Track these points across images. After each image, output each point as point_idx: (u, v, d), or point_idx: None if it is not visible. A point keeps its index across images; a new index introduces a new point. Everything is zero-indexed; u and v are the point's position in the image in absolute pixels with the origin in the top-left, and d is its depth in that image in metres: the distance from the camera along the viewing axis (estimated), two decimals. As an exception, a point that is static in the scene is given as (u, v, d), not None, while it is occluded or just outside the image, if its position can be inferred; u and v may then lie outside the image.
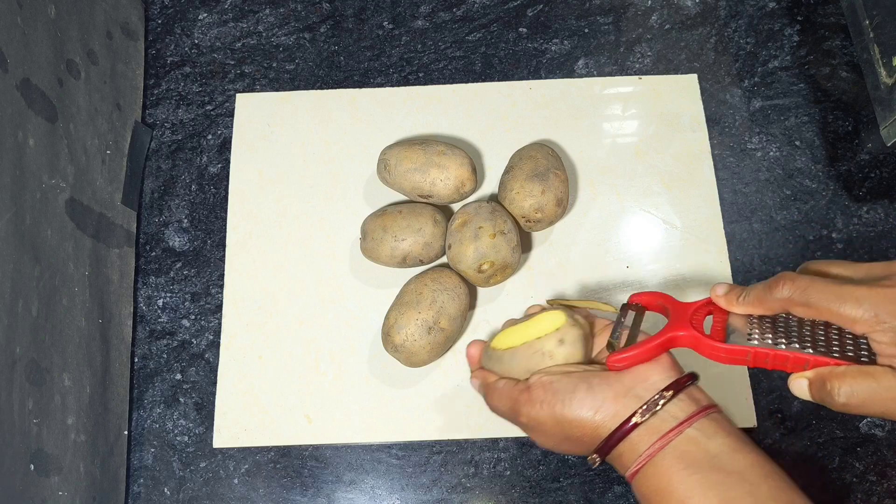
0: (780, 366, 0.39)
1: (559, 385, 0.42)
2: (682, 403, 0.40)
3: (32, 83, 0.52)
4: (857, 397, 0.36)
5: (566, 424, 0.41)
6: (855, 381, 0.36)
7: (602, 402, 0.40)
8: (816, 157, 0.68)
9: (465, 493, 0.59)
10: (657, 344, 0.42)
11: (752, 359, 0.40)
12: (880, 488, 0.58)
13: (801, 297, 0.38)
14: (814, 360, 0.38)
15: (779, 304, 0.39)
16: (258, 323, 0.63)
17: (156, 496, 0.60)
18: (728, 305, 0.42)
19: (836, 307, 0.36)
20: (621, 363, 0.42)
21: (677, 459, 0.38)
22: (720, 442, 0.38)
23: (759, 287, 0.40)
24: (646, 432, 0.39)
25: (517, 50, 0.72)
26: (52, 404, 0.50)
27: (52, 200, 0.53)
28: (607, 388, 0.41)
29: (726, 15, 0.73)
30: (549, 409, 0.42)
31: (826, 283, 0.37)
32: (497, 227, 0.57)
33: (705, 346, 0.41)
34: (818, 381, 0.37)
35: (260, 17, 0.74)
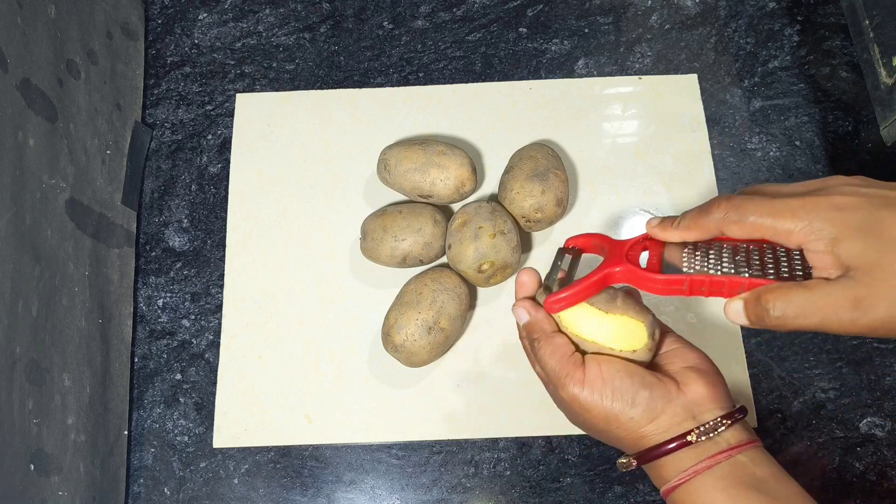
0: (717, 292, 0.39)
1: (620, 383, 0.41)
2: (734, 432, 0.40)
3: (32, 83, 0.52)
4: (791, 308, 0.35)
5: (614, 422, 0.41)
6: (790, 293, 0.35)
7: (659, 415, 0.40)
8: (816, 157, 0.68)
9: (465, 493, 0.59)
10: (593, 282, 0.41)
11: (688, 287, 0.39)
12: (880, 488, 0.58)
13: (736, 215, 0.37)
14: (749, 282, 0.37)
15: (713, 225, 0.39)
16: (258, 323, 0.63)
17: (156, 496, 0.60)
18: (663, 234, 0.42)
19: (769, 221, 0.36)
20: (559, 303, 0.42)
21: (722, 478, 0.38)
22: (765, 470, 0.38)
23: (694, 210, 0.40)
24: (694, 451, 0.39)
25: (517, 50, 0.72)
26: (52, 404, 0.50)
27: (52, 200, 0.53)
28: (667, 403, 0.40)
29: (726, 15, 0.73)
30: (600, 401, 0.41)
31: (761, 199, 0.37)
32: (497, 227, 0.57)
33: (641, 278, 0.41)
34: (753, 300, 0.37)
35: (260, 17, 0.74)
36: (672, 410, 0.40)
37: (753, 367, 0.61)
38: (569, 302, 0.42)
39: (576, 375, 0.41)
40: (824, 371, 0.61)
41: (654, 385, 0.41)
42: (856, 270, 0.34)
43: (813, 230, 0.35)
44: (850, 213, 0.34)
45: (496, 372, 0.61)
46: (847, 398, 0.60)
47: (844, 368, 0.61)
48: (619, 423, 0.41)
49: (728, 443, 0.39)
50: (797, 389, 0.61)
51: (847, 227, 0.34)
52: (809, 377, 0.61)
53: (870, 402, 0.60)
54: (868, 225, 0.34)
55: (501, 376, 0.61)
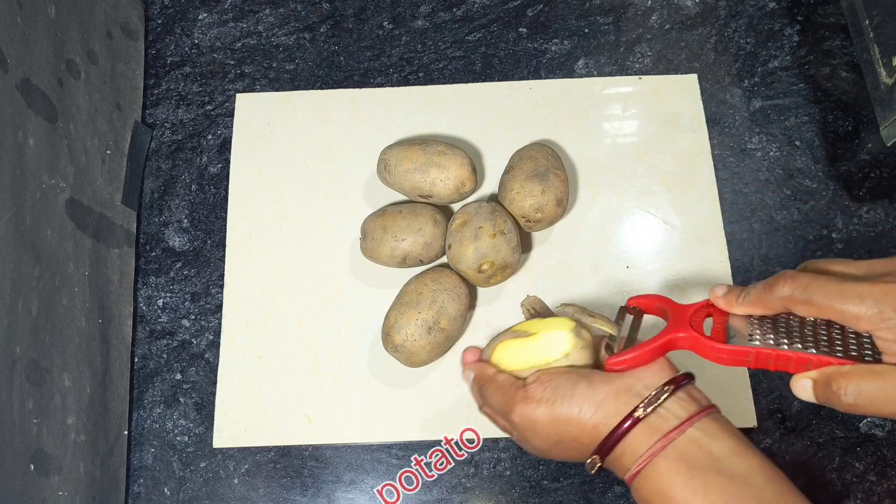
0: (783, 367, 0.38)
1: (559, 382, 0.42)
2: (682, 402, 0.39)
3: (32, 83, 0.52)
4: (864, 397, 0.35)
5: (564, 423, 0.41)
6: (862, 380, 0.35)
7: (603, 399, 0.40)
8: (816, 157, 0.68)
9: (465, 493, 0.59)
10: (657, 346, 0.41)
11: (754, 359, 0.39)
12: (880, 488, 0.58)
13: (803, 295, 0.37)
14: (817, 359, 0.37)
15: (780, 303, 0.38)
16: (258, 323, 0.63)
17: (156, 496, 0.60)
18: (728, 306, 0.42)
19: (838, 304, 0.36)
20: (620, 365, 0.41)
21: (679, 461, 0.37)
22: (722, 444, 0.38)
23: (760, 286, 0.40)
24: (646, 432, 0.39)
25: (517, 50, 0.72)
26: (52, 404, 0.50)
27: (52, 200, 0.53)
28: (608, 386, 0.41)
29: (726, 15, 0.73)
30: (546, 407, 0.41)
31: (828, 281, 0.37)
32: (497, 227, 0.57)
33: (706, 347, 0.40)
34: (823, 382, 0.37)
35: (260, 17, 0.74)
36: (615, 392, 0.40)
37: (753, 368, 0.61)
38: (630, 364, 0.41)
39: (518, 395, 0.43)
40: (824, 371, 0.61)
41: (591, 373, 0.42)
42: None
43: (883, 318, 0.34)
44: None
45: (496, 372, 0.61)
46: (847, 398, 0.60)
47: (844, 368, 0.61)
48: (569, 422, 0.41)
49: (678, 417, 0.39)
50: (797, 389, 0.61)
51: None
52: (809, 377, 0.61)
53: (870, 402, 0.60)
54: None
55: (501, 376, 0.61)
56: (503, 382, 0.45)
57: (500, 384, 0.45)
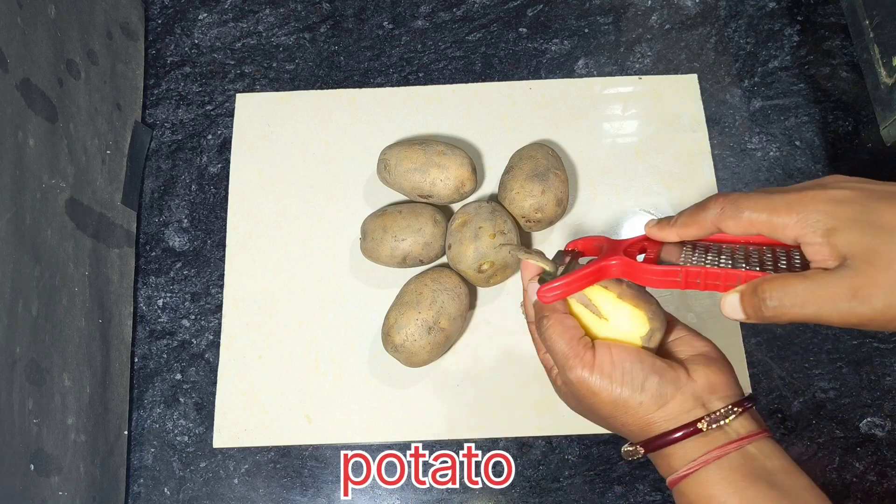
0: (713, 285, 0.38)
1: (630, 367, 0.40)
2: (744, 421, 0.39)
3: (32, 83, 0.52)
4: (788, 298, 0.34)
5: (622, 407, 0.40)
6: (787, 282, 0.35)
7: (668, 401, 0.40)
8: (816, 157, 0.68)
9: (465, 493, 0.59)
10: (589, 272, 0.41)
11: (683, 279, 0.39)
12: (880, 488, 0.58)
13: (732, 210, 0.37)
14: (746, 275, 0.37)
15: (710, 221, 0.38)
16: (258, 323, 0.63)
17: (156, 496, 0.60)
18: (660, 233, 0.41)
19: (766, 216, 0.36)
20: (552, 291, 0.41)
21: (733, 470, 0.37)
22: (776, 463, 0.38)
23: (691, 207, 0.40)
24: (702, 441, 0.39)
25: (517, 50, 0.72)
26: (52, 404, 0.50)
27: (52, 200, 0.53)
28: (676, 389, 0.40)
29: (726, 15, 0.73)
30: (609, 385, 0.40)
31: (757, 194, 0.37)
32: (497, 227, 0.57)
33: (637, 270, 0.40)
34: (749, 291, 0.36)
35: (260, 17, 0.74)
36: (681, 397, 0.40)
37: (753, 367, 0.61)
38: (564, 291, 0.42)
39: (585, 357, 0.41)
40: (824, 371, 0.61)
41: (664, 371, 0.40)
42: (853, 259, 0.33)
43: (809, 223, 0.35)
44: (845, 205, 0.35)
45: (496, 372, 0.61)
46: (847, 398, 0.60)
47: (844, 368, 0.61)
48: (626, 409, 0.40)
49: (737, 433, 0.39)
50: (797, 389, 0.61)
51: (843, 218, 0.34)
52: (809, 377, 0.61)
53: (870, 402, 0.60)
54: (864, 215, 0.34)
55: (501, 376, 0.61)
56: (571, 329, 0.42)
57: (568, 329, 0.42)
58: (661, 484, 0.59)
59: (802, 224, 0.35)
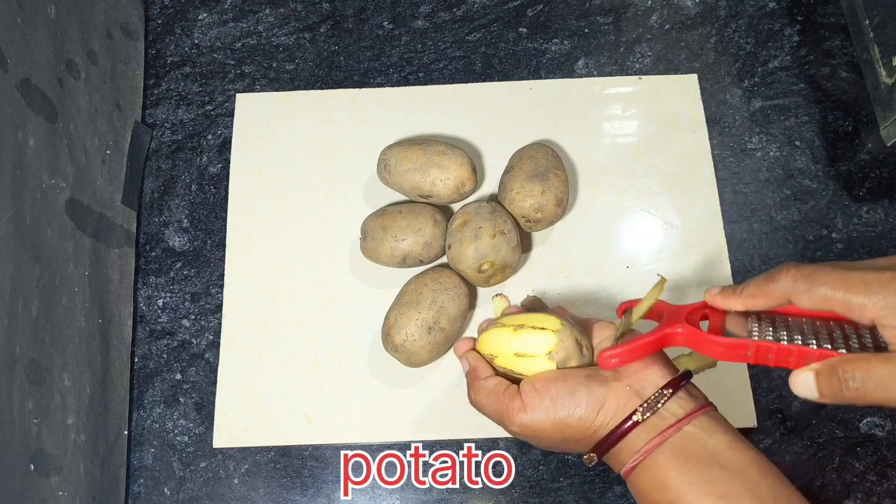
0: (784, 361, 0.37)
1: (556, 391, 0.42)
2: (680, 401, 0.40)
3: (32, 83, 0.52)
4: (873, 380, 0.33)
5: (565, 428, 0.41)
6: (869, 365, 0.33)
7: (603, 403, 0.41)
8: (816, 157, 0.68)
9: (465, 493, 0.59)
10: (652, 340, 0.41)
11: (753, 353, 0.37)
12: (880, 488, 0.58)
13: (806, 284, 0.35)
14: (819, 353, 0.35)
15: (780, 294, 0.37)
16: (258, 323, 0.63)
17: (156, 496, 0.60)
18: (725, 302, 0.40)
19: (842, 293, 0.34)
20: (613, 358, 0.41)
21: (675, 455, 0.38)
22: (718, 439, 0.38)
23: (760, 278, 0.38)
24: (644, 430, 0.39)
25: (517, 50, 0.72)
26: (52, 404, 0.50)
27: (52, 200, 0.53)
28: (606, 389, 0.41)
29: (726, 15, 0.73)
30: (545, 415, 0.42)
31: (832, 269, 0.35)
32: (497, 227, 0.57)
33: (703, 340, 0.39)
34: (827, 370, 0.35)
35: (260, 17, 0.74)
36: (614, 395, 0.41)
37: (753, 368, 0.61)
38: (623, 358, 0.41)
39: (514, 405, 0.43)
40: (824, 371, 0.61)
41: (590, 377, 0.42)
42: None
43: (888, 304, 0.33)
44: None
45: (496, 372, 0.61)
46: (847, 398, 0.60)
47: (844, 368, 0.61)
48: (570, 428, 0.41)
49: (675, 415, 0.39)
50: (797, 389, 0.61)
51: None
52: (809, 377, 0.61)
53: (870, 402, 0.60)
54: None
55: (501, 376, 0.61)
56: (494, 389, 0.45)
57: (492, 391, 0.45)
58: (661, 484, 0.59)
59: (881, 307, 0.33)
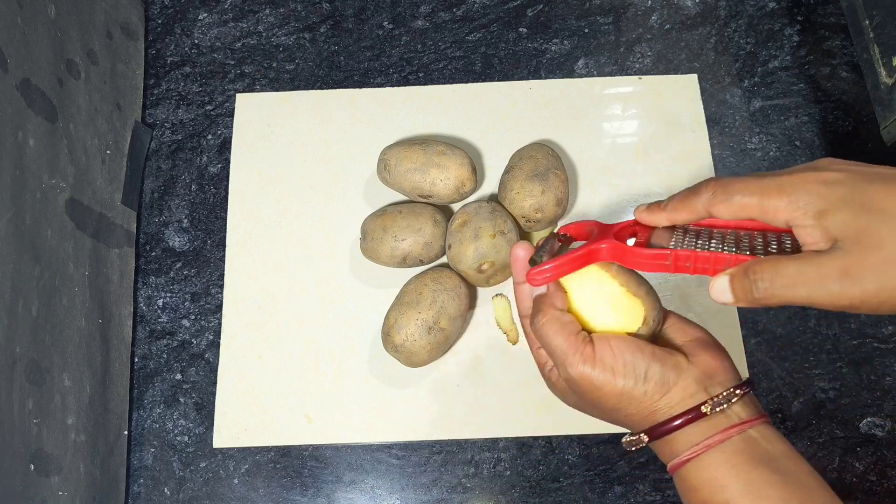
0: (701, 269, 0.38)
1: (631, 357, 0.40)
2: (745, 406, 0.39)
3: (32, 83, 0.52)
4: (780, 280, 0.34)
5: (626, 398, 0.40)
6: (778, 264, 0.34)
7: (672, 387, 0.40)
8: (816, 157, 0.68)
9: (465, 493, 0.59)
10: (578, 255, 0.41)
11: (672, 262, 0.39)
12: (880, 488, 0.58)
13: (724, 194, 0.37)
14: (735, 258, 0.37)
15: (701, 206, 0.38)
16: (258, 323, 0.63)
17: (156, 496, 0.60)
18: (650, 217, 0.41)
19: (757, 199, 0.36)
20: (542, 274, 0.41)
21: (736, 454, 0.38)
22: (777, 447, 0.38)
23: (683, 191, 0.39)
24: (707, 424, 0.39)
25: (517, 50, 0.72)
26: (52, 404, 0.50)
27: (52, 200, 0.53)
28: (678, 376, 0.40)
29: (726, 15, 0.73)
30: (612, 377, 0.40)
31: (748, 177, 0.37)
32: (497, 227, 0.57)
33: (626, 253, 0.40)
34: (739, 273, 0.36)
35: (260, 17, 0.74)
36: (684, 383, 0.40)
37: (753, 368, 0.61)
38: (553, 274, 0.41)
39: (585, 352, 0.41)
40: (824, 371, 0.61)
41: (665, 358, 0.40)
42: (844, 241, 0.33)
43: (800, 205, 0.34)
44: (836, 186, 0.34)
45: (496, 372, 0.61)
46: (847, 398, 0.60)
47: (844, 368, 0.61)
48: (630, 400, 0.40)
49: (739, 417, 0.39)
50: (797, 389, 0.61)
51: (834, 199, 0.34)
52: (809, 377, 0.61)
53: (870, 402, 0.60)
54: (855, 197, 0.34)
55: (501, 376, 0.61)
56: (569, 324, 0.42)
57: (565, 325, 0.42)
58: (661, 484, 0.59)
59: (793, 206, 0.35)
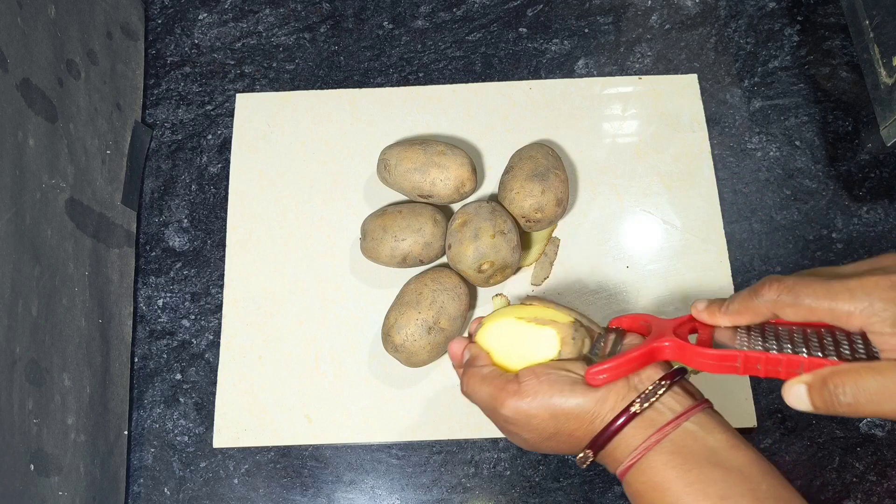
0: (773, 371, 0.37)
1: (556, 377, 0.41)
2: (678, 397, 0.39)
3: (32, 83, 0.52)
4: (864, 394, 0.32)
5: (562, 416, 0.40)
6: (860, 377, 0.33)
7: (602, 394, 0.40)
8: (816, 157, 0.68)
9: (465, 493, 0.59)
10: (639, 354, 0.40)
11: (742, 364, 0.37)
12: (880, 488, 0.58)
13: (790, 297, 0.35)
14: (809, 361, 0.35)
15: (765, 308, 0.37)
16: (258, 323, 0.63)
17: (156, 496, 0.60)
18: (711, 318, 0.40)
19: (827, 303, 0.34)
20: (601, 374, 0.40)
21: (674, 454, 0.37)
22: (718, 437, 0.38)
23: (744, 293, 0.38)
24: (641, 426, 0.39)
25: (517, 50, 0.72)
26: (52, 404, 0.50)
27: (52, 200, 0.53)
28: None
29: (726, 15, 0.73)
30: (542, 401, 0.40)
31: (815, 280, 0.35)
32: (497, 227, 0.57)
33: (691, 353, 0.39)
34: (818, 384, 0.34)
35: (260, 17, 0.74)
36: (614, 387, 0.40)
37: (753, 367, 0.61)
38: (611, 374, 0.40)
39: (509, 388, 0.41)
40: (824, 371, 0.61)
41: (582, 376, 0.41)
42: None
43: (874, 311, 0.33)
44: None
45: (496, 372, 0.61)
46: (847, 398, 0.60)
47: (844, 368, 0.61)
48: (566, 416, 0.40)
49: (673, 411, 0.39)
50: (797, 389, 0.61)
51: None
52: (809, 377, 0.61)
53: (870, 402, 0.60)
54: None
55: (501, 376, 0.61)
56: (490, 375, 0.44)
57: (487, 376, 0.44)
58: (661, 484, 0.59)
59: (868, 313, 0.33)
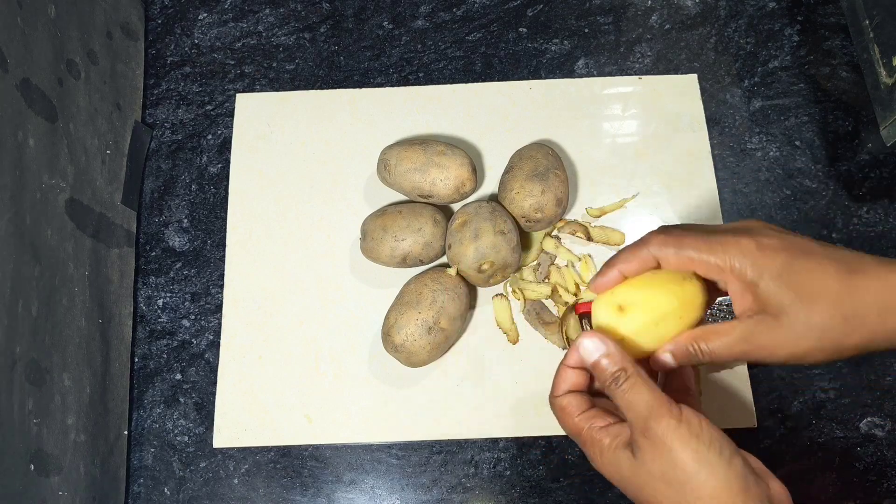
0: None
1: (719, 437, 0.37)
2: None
3: (32, 83, 0.52)
4: (715, 351, 0.39)
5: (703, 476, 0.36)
6: (708, 339, 0.39)
7: (749, 488, 0.36)
8: (816, 157, 0.68)
9: (465, 493, 0.59)
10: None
11: None
12: (880, 488, 0.58)
13: (674, 248, 0.40)
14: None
15: (651, 257, 0.41)
16: (258, 323, 0.63)
17: (156, 496, 0.60)
18: (603, 278, 0.43)
19: (704, 256, 0.39)
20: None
21: None
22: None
23: (633, 244, 0.42)
24: None
25: (517, 50, 0.72)
26: (52, 404, 0.50)
27: (52, 200, 0.53)
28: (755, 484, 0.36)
29: (726, 15, 0.73)
30: (696, 445, 0.36)
31: (696, 234, 0.40)
32: (497, 227, 0.57)
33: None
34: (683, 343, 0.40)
35: (260, 17, 0.74)
36: (758, 491, 0.36)
37: (753, 367, 0.61)
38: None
39: (673, 409, 0.37)
40: (824, 371, 0.61)
41: (748, 457, 0.37)
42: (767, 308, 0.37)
43: (731, 268, 0.38)
44: (772, 254, 0.38)
45: (496, 372, 0.61)
46: (847, 398, 0.60)
47: (844, 368, 0.61)
48: (706, 481, 0.35)
49: None
50: (797, 389, 0.61)
51: (767, 268, 0.37)
52: (809, 377, 0.61)
53: (870, 402, 0.60)
54: (785, 271, 0.37)
55: (501, 376, 0.61)
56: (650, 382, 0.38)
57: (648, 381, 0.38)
58: (661, 484, 0.59)
59: (726, 269, 0.38)
